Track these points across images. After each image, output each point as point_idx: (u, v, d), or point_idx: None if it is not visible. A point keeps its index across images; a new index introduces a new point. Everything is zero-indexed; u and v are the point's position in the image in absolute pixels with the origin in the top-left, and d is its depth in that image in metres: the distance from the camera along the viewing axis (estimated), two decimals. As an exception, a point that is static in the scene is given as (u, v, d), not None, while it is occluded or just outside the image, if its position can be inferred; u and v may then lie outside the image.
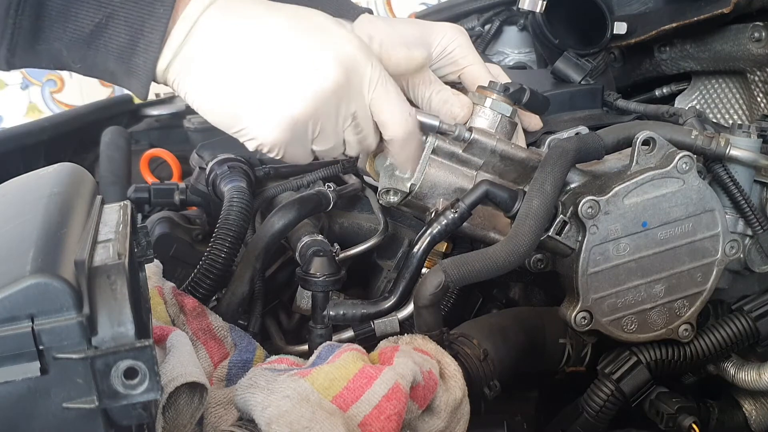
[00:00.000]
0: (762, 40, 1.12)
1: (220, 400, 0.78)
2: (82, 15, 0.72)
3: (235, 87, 0.78)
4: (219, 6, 0.76)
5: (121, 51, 0.74)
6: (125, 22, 0.73)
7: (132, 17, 0.73)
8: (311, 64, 0.78)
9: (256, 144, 0.81)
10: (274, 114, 0.79)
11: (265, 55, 0.78)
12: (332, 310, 0.89)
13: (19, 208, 0.61)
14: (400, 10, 2.70)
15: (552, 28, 1.23)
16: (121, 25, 0.73)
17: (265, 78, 0.78)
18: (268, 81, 0.78)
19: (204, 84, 0.78)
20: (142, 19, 0.73)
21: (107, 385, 0.51)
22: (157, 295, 0.90)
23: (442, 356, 0.79)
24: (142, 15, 0.73)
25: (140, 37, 0.73)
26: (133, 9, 0.72)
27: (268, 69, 0.78)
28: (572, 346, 0.97)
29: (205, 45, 0.76)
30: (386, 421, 0.69)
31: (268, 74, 0.78)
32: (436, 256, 0.99)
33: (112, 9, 0.72)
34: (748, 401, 1.03)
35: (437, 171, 0.91)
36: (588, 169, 0.92)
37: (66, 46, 0.73)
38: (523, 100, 0.94)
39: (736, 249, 0.91)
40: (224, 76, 0.77)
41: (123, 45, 0.74)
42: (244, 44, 0.77)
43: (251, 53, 0.77)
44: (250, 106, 0.79)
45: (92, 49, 0.74)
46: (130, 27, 0.73)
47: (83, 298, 0.51)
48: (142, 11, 0.73)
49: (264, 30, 0.78)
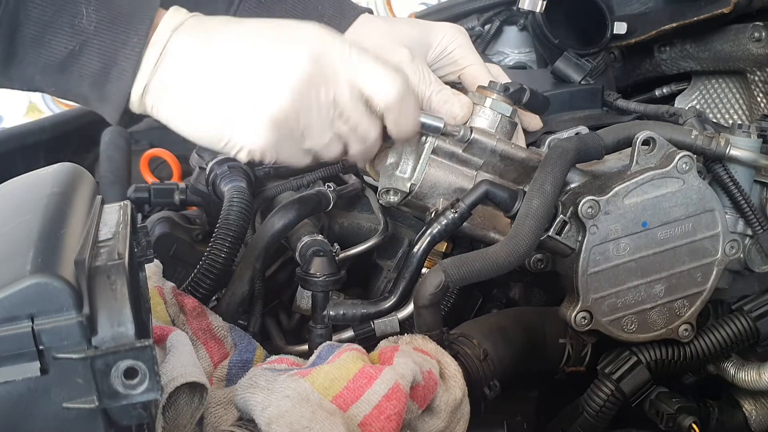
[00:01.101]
0: (762, 40, 1.12)
1: (220, 400, 0.78)
2: (56, 42, 0.72)
3: (211, 102, 0.78)
4: (186, 28, 0.77)
5: (94, 78, 0.74)
6: (98, 50, 0.73)
7: (105, 45, 0.73)
8: (279, 60, 0.78)
9: (245, 153, 0.81)
10: (254, 118, 0.78)
11: (234, 63, 0.78)
12: (332, 310, 0.89)
13: (19, 208, 0.61)
14: (400, 10, 2.70)
15: (552, 28, 1.23)
16: (95, 53, 0.73)
17: (237, 85, 0.78)
18: (241, 87, 0.78)
19: (181, 106, 0.78)
20: (116, 47, 0.73)
21: (107, 385, 0.51)
22: (157, 295, 0.90)
23: (442, 356, 0.79)
24: (116, 44, 0.73)
25: (113, 65, 0.74)
26: (107, 37, 0.73)
27: (239, 76, 0.78)
28: (572, 346, 0.97)
29: (177, 67, 0.76)
30: (386, 421, 0.69)
31: (241, 81, 0.78)
32: (436, 256, 0.99)
33: (86, 37, 0.72)
34: (748, 401, 1.03)
35: (437, 171, 0.91)
36: (588, 169, 0.92)
37: (39, 71, 0.74)
38: (523, 100, 0.94)
39: (736, 249, 0.91)
40: (199, 94, 0.78)
41: (96, 72, 0.74)
42: (213, 59, 0.77)
43: (221, 66, 0.78)
44: (230, 117, 0.79)
45: (65, 75, 0.74)
46: (104, 55, 0.73)
47: (83, 298, 0.51)
48: (116, 40, 0.73)
49: (230, 41, 0.79)
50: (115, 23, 0.73)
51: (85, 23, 0.72)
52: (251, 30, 0.80)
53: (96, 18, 0.72)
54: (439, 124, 0.87)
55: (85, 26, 0.72)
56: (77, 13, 0.72)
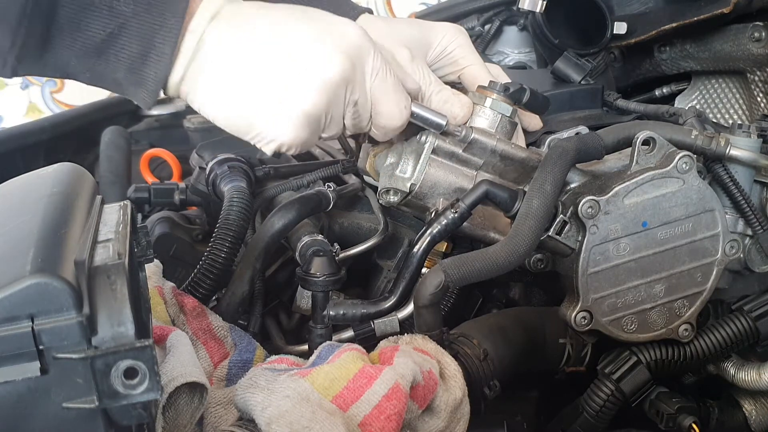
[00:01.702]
0: (762, 40, 1.12)
1: (220, 400, 0.78)
2: (94, 24, 0.71)
3: (246, 93, 0.78)
4: (224, 16, 0.77)
5: (132, 61, 0.74)
6: (137, 32, 0.72)
7: (144, 28, 0.72)
8: (318, 57, 0.79)
9: (275, 146, 0.81)
10: (288, 112, 0.79)
11: (272, 56, 0.78)
12: (332, 310, 0.89)
13: (19, 208, 0.61)
14: (400, 10, 2.70)
15: (552, 28, 1.23)
16: (133, 36, 0.73)
17: (274, 79, 0.78)
18: (278, 81, 0.78)
19: (216, 94, 0.78)
20: (153, 30, 0.73)
21: (107, 385, 0.51)
22: (157, 295, 0.90)
23: (442, 356, 0.79)
24: (154, 26, 0.73)
25: (151, 48, 0.73)
26: (145, 19, 0.72)
27: (277, 69, 0.78)
28: (572, 346, 0.97)
29: (213, 56, 0.76)
30: (386, 421, 0.69)
31: (277, 74, 0.78)
32: (436, 256, 0.99)
33: (124, 19, 0.72)
34: (748, 401, 1.03)
35: (437, 171, 0.91)
36: (588, 169, 0.92)
37: (75, 55, 0.73)
38: (523, 100, 0.94)
39: (736, 249, 0.91)
40: (235, 84, 0.78)
41: (134, 56, 0.73)
42: (250, 50, 0.77)
43: (258, 57, 0.78)
44: (264, 110, 0.79)
45: (102, 59, 0.73)
46: (142, 38, 0.73)
47: (83, 298, 0.51)
48: (153, 22, 0.73)
49: (268, 32, 0.78)
50: (152, 4, 0.72)
51: (122, 5, 0.71)
52: (288, 20, 0.80)
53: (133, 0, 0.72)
54: (442, 122, 0.87)
55: (123, 8, 0.71)
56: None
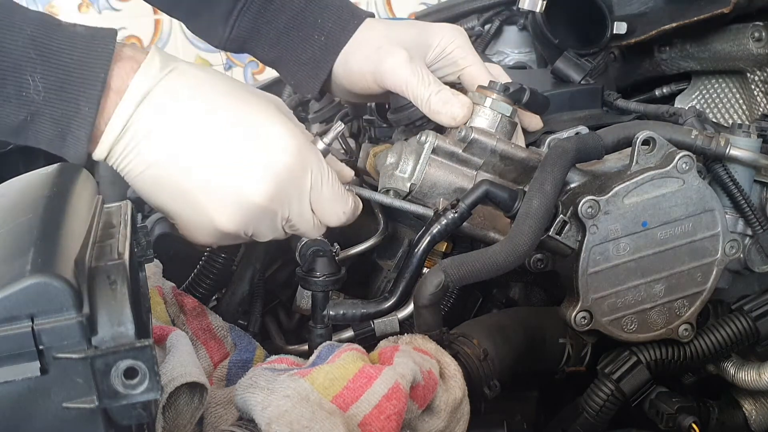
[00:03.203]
0: (762, 40, 1.12)
1: (220, 400, 0.78)
2: (5, 113, 0.70)
3: (167, 194, 0.78)
4: (154, 101, 0.74)
5: (50, 142, 0.73)
6: (50, 119, 0.71)
7: (57, 114, 0.71)
8: (241, 178, 0.77)
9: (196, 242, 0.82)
10: (207, 227, 0.79)
11: (197, 169, 0.76)
12: (332, 310, 0.89)
13: (19, 208, 0.61)
14: (400, 9, 2.70)
15: (552, 28, 1.23)
16: (47, 122, 0.71)
17: (195, 192, 0.77)
18: (198, 196, 0.77)
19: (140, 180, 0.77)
20: (68, 116, 0.71)
21: (107, 384, 0.51)
22: (157, 295, 0.90)
23: (442, 356, 0.79)
24: (68, 112, 0.71)
25: (68, 132, 0.72)
26: (57, 107, 0.70)
27: (199, 184, 0.77)
28: (572, 346, 0.97)
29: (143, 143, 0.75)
30: (386, 421, 0.69)
31: (200, 188, 0.77)
32: (436, 256, 0.99)
33: (36, 107, 0.70)
34: (748, 401, 1.03)
35: (437, 171, 0.91)
36: (588, 169, 0.92)
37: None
38: (523, 100, 0.94)
39: (736, 249, 0.91)
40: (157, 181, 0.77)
41: (51, 137, 0.72)
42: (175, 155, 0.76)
43: (183, 164, 0.76)
44: (185, 217, 0.80)
45: (21, 138, 0.72)
46: (57, 123, 0.71)
47: (83, 298, 0.51)
48: (67, 109, 0.71)
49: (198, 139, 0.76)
50: (64, 90, 0.70)
51: (32, 93, 0.69)
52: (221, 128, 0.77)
53: (44, 86, 0.69)
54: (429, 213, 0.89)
55: (33, 96, 0.69)
56: (23, 83, 0.69)
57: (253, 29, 0.99)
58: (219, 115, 0.77)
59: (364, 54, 0.97)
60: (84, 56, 0.71)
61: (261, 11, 0.98)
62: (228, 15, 0.98)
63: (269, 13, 0.98)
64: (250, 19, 0.98)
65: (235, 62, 2.76)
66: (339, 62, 0.98)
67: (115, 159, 0.76)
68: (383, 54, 0.94)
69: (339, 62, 0.98)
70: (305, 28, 0.98)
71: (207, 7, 0.99)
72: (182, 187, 0.77)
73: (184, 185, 0.77)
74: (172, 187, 0.77)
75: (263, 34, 0.99)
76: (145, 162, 0.76)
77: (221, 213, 0.78)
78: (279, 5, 0.98)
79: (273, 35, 0.99)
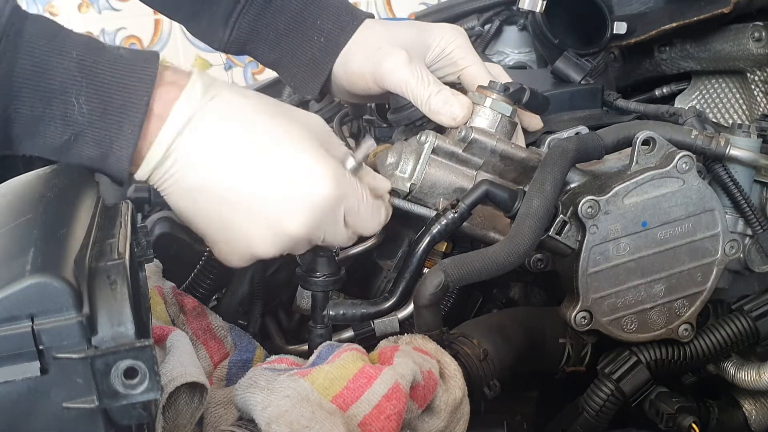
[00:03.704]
0: (762, 40, 1.12)
1: (220, 400, 0.78)
2: (50, 133, 0.71)
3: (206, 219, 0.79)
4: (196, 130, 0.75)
5: (93, 161, 0.73)
6: (93, 140, 0.72)
7: (100, 136, 0.72)
8: (279, 211, 0.78)
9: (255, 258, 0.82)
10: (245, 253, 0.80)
11: (235, 202, 0.77)
12: (332, 310, 0.89)
13: (19, 208, 0.61)
14: (400, 9, 2.70)
15: (552, 28, 1.23)
16: (90, 143, 0.72)
17: (232, 222, 0.78)
18: (235, 225, 0.78)
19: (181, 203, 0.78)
20: (110, 138, 0.72)
21: (107, 384, 0.51)
22: (157, 295, 0.90)
23: (442, 356, 0.79)
24: (110, 134, 0.72)
25: (110, 154, 0.72)
26: (100, 128, 0.71)
27: (237, 213, 0.78)
28: (572, 346, 0.97)
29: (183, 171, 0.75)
30: (386, 421, 0.69)
31: (238, 219, 0.78)
32: (436, 256, 0.99)
33: (79, 128, 0.71)
34: (748, 401, 1.03)
35: (437, 171, 0.91)
36: (588, 169, 0.92)
37: (38, 153, 0.73)
38: (523, 99, 0.94)
39: (736, 249, 0.91)
40: (198, 205, 0.78)
41: (94, 158, 0.73)
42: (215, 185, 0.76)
43: (222, 196, 0.77)
44: (224, 244, 0.81)
45: (63, 157, 0.73)
46: (99, 145, 0.72)
47: (83, 298, 0.51)
48: (110, 131, 0.71)
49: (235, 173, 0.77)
50: (107, 112, 0.71)
51: (77, 115, 0.70)
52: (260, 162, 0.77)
53: (88, 109, 0.70)
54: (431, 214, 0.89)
55: (77, 117, 0.70)
56: (69, 105, 0.70)
57: (253, 31, 0.99)
58: (258, 146, 0.78)
59: (363, 55, 0.97)
60: (127, 79, 0.72)
61: (260, 13, 0.98)
62: (228, 17, 0.98)
63: (269, 14, 0.98)
64: (250, 20, 0.98)
65: (235, 62, 2.76)
66: (339, 63, 0.98)
67: (156, 181, 0.77)
68: (383, 54, 0.94)
69: (339, 63, 0.98)
70: (305, 29, 0.98)
71: (207, 9, 0.99)
72: (221, 216, 0.78)
73: (223, 214, 0.78)
74: (211, 214, 0.79)
75: (263, 36, 0.99)
76: (185, 188, 0.77)
77: (259, 243, 0.79)
78: (278, 6, 0.98)
79: (273, 37, 0.99)
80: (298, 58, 0.99)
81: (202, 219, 0.79)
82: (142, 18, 2.65)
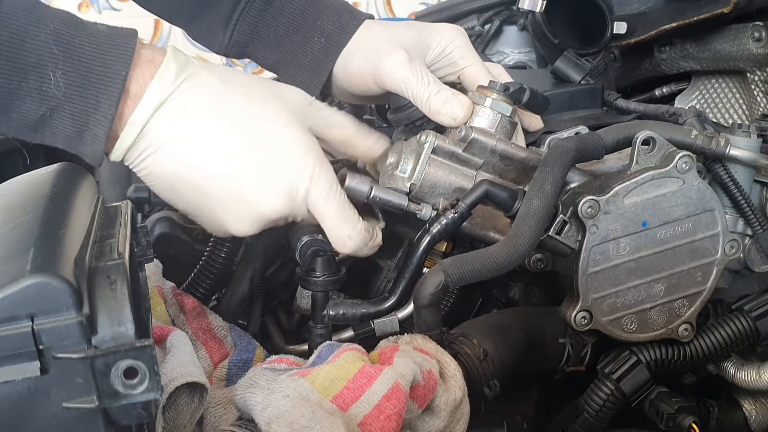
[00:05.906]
0: (762, 40, 1.12)
1: (220, 399, 0.78)
2: (25, 108, 0.71)
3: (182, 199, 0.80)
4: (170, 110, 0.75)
5: (68, 139, 0.73)
6: (70, 115, 0.72)
7: (76, 111, 0.71)
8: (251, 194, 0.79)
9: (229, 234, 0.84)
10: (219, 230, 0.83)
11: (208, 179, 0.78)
12: (332, 310, 0.89)
13: (19, 208, 0.61)
14: (400, 9, 2.69)
15: (552, 28, 1.23)
16: (66, 118, 0.72)
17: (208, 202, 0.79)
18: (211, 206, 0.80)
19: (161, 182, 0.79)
20: (87, 113, 0.72)
21: (107, 384, 0.51)
22: (157, 295, 0.90)
23: (442, 356, 0.79)
24: (87, 109, 0.71)
25: (86, 129, 0.72)
26: (77, 103, 0.71)
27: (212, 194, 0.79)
28: (572, 346, 0.97)
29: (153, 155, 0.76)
30: (386, 421, 0.69)
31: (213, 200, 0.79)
32: (436, 256, 0.99)
33: (56, 102, 0.71)
34: (748, 401, 1.03)
35: (437, 171, 0.90)
36: (588, 168, 0.92)
37: (12, 131, 0.73)
38: (523, 99, 0.94)
39: (736, 249, 0.91)
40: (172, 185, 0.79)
41: (69, 134, 0.73)
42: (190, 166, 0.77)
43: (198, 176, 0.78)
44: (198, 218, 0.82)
45: (38, 134, 0.73)
46: (75, 119, 0.72)
47: (83, 298, 0.51)
48: (86, 105, 0.71)
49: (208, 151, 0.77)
50: (84, 86, 0.71)
51: (53, 88, 0.70)
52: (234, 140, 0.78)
53: (64, 82, 0.70)
54: (403, 203, 0.89)
55: (54, 92, 0.70)
56: (45, 79, 0.70)
57: (254, 33, 0.99)
58: (231, 128, 0.79)
59: (363, 55, 0.97)
60: (105, 54, 0.72)
61: (260, 14, 0.98)
62: (228, 19, 0.98)
63: (269, 16, 0.98)
64: (250, 22, 0.98)
65: (235, 62, 2.76)
66: (339, 64, 0.98)
67: (131, 162, 0.77)
68: (383, 55, 0.94)
69: (339, 64, 0.98)
70: (305, 30, 0.98)
71: (207, 12, 0.99)
72: (197, 197, 0.80)
73: (199, 196, 0.79)
74: (187, 196, 0.80)
75: (263, 38, 0.99)
76: (160, 169, 0.78)
77: (235, 224, 0.81)
78: (278, 8, 0.98)
79: (273, 38, 0.99)
80: (298, 59, 0.99)
81: (179, 200, 0.81)
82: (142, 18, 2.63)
